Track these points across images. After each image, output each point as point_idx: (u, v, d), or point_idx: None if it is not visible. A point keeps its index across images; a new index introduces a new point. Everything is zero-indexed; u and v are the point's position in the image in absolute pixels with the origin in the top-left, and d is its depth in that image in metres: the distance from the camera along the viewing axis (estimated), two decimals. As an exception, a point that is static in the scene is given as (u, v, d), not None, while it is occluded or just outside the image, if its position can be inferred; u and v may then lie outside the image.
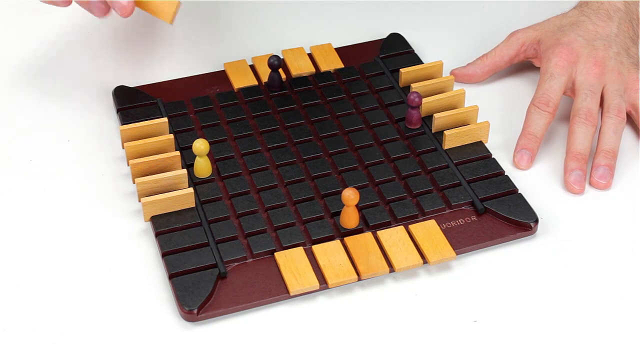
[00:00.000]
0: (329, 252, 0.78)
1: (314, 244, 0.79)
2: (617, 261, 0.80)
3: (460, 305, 0.76)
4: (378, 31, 1.02)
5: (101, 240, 0.81)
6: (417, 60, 0.97)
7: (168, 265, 0.77)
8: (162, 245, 0.79)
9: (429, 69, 0.94)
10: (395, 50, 0.98)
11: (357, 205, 0.81)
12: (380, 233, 0.80)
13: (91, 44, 1.01)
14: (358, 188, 0.83)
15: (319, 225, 0.80)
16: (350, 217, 0.80)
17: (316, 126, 0.90)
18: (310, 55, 0.98)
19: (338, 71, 0.96)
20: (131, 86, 0.94)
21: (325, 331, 0.75)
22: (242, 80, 0.94)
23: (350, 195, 0.78)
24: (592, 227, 0.83)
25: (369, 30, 1.03)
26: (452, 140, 0.87)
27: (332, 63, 0.96)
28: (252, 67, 0.97)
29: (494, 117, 0.92)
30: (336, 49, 0.99)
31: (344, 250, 0.79)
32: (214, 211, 0.81)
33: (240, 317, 0.75)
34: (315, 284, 0.76)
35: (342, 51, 0.99)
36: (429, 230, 0.80)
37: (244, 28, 1.04)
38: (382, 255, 0.78)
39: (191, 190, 0.81)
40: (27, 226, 0.82)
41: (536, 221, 0.81)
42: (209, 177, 0.85)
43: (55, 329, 0.74)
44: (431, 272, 0.79)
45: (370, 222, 0.81)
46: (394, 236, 0.80)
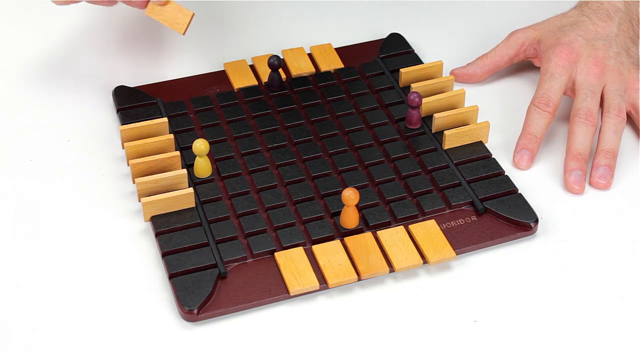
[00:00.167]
0: (329, 252, 0.78)
1: (314, 244, 0.79)
2: (617, 261, 0.80)
3: (460, 305, 0.76)
4: (378, 31, 1.02)
5: (101, 240, 0.81)
6: (417, 60, 0.97)
7: (168, 265, 0.77)
8: (162, 245, 0.79)
9: (429, 69, 0.94)
10: (395, 50, 0.98)
11: (357, 205, 0.81)
12: (380, 233, 0.80)
13: (91, 44, 1.01)
14: (358, 188, 0.83)
15: (319, 225, 0.80)
16: (350, 217, 0.80)
17: (316, 126, 0.89)
18: (310, 55, 0.98)
19: (338, 71, 0.96)
20: (131, 86, 0.94)
21: (325, 331, 0.74)
22: (242, 80, 0.94)
23: (350, 195, 0.78)
24: (592, 227, 0.83)
25: (369, 30, 1.03)
26: (452, 140, 0.87)
27: (332, 63, 0.96)
28: (252, 67, 0.96)
29: (494, 117, 0.92)
30: (336, 49, 0.99)
31: (344, 250, 0.79)
32: (214, 211, 0.81)
33: (240, 317, 0.75)
34: (315, 284, 0.76)
35: (342, 51, 0.99)
36: (429, 230, 0.80)
37: (244, 28, 1.04)
38: (382, 255, 0.78)
39: (191, 190, 0.81)
40: (27, 226, 0.82)
41: (536, 221, 0.81)
42: (209, 177, 0.85)
43: (55, 329, 0.74)
44: (431, 272, 0.79)
45: (370, 222, 0.81)
46: (394, 236, 0.80)
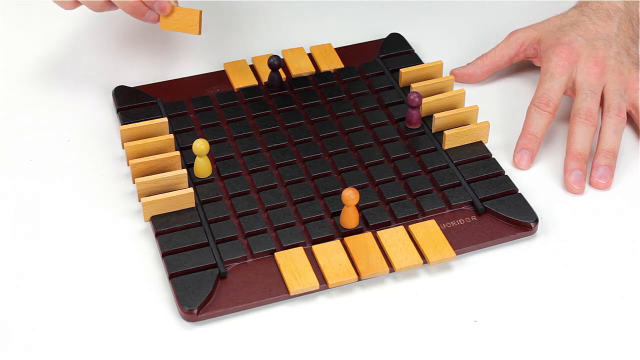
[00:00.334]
0: (329, 252, 0.78)
1: (314, 244, 0.79)
2: (617, 261, 0.80)
3: (460, 305, 0.76)
4: (378, 31, 1.02)
5: (101, 240, 0.81)
6: (417, 60, 0.97)
7: (168, 265, 0.77)
8: (162, 245, 0.79)
9: (429, 69, 0.94)
10: (395, 50, 0.98)
11: (357, 205, 0.81)
12: (380, 233, 0.80)
13: (91, 44, 1.01)
14: (358, 188, 0.83)
15: (319, 225, 0.80)
16: (350, 217, 0.80)
17: (316, 126, 0.89)
18: (310, 55, 0.98)
19: (338, 71, 0.96)
20: (131, 86, 0.94)
21: (325, 331, 0.74)
22: (242, 80, 0.94)
23: (350, 195, 0.78)
24: (592, 227, 0.83)
25: (369, 30, 1.03)
26: (452, 140, 0.87)
27: (332, 63, 0.96)
28: (252, 67, 0.96)
29: (494, 117, 0.92)
30: (336, 49, 0.99)
31: (344, 250, 0.79)
32: (214, 211, 0.81)
33: (240, 317, 0.75)
34: (315, 284, 0.76)
35: (342, 51, 0.99)
36: (429, 230, 0.80)
37: (244, 28, 1.04)
38: (382, 255, 0.78)
39: (191, 190, 0.81)
40: (27, 226, 0.82)
41: (536, 221, 0.81)
42: (209, 177, 0.85)
43: (55, 329, 0.74)
44: (431, 272, 0.79)
45: (370, 222, 0.81)
46: (394, 236, 0.80)
